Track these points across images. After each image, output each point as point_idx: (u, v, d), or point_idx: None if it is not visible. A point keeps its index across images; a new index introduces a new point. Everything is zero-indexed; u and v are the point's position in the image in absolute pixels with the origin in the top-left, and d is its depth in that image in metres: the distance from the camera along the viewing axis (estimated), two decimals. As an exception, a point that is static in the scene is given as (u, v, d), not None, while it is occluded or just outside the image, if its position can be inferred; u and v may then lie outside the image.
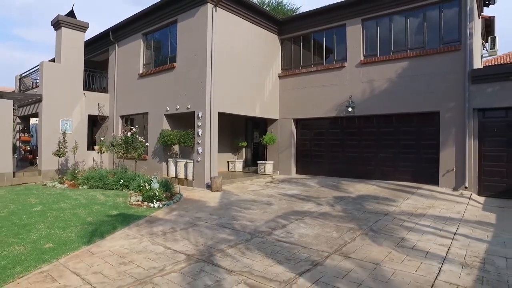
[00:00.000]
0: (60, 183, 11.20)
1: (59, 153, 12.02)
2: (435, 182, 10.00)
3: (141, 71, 13.33)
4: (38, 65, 14.91)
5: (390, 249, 4.92)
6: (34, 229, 6.08)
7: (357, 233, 5.73)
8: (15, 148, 12.60)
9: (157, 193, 8.16)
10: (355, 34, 11.65)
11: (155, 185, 8.58)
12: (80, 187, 10.59)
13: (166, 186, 9.07)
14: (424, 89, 10.16)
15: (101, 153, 13.04)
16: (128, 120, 14.27)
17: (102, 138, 13.28)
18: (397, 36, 10.98)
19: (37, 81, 14.77)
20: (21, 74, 15.98)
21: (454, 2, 9.93)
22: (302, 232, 5.84)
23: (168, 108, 11.73)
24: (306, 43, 13.28)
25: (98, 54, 16.17)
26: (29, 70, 15.57)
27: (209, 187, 10.19)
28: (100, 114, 14.60)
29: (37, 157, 14.47)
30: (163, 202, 8.11)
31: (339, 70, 11.99)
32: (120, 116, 14.33)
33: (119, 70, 14.57)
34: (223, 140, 12.99)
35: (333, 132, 12.63)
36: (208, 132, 10.50)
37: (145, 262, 4.52)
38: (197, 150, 10.59)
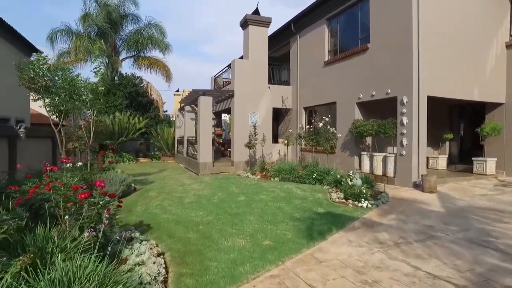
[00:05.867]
0: (252, 174, 11.50)
1: (249, 145, 12.48)
2: None
3: (326, 59, 12.49)
4: (227, 67, 16.22)
5: None
6: (246, 220, 5.86)
7: None
8: (213, 141, 13.88)
9: (363, 191, 7.01)
10: None
11: (358, 181, 7.46)
12: (272, 179, 10.51)
13: (368, 183, 7.82)
14: None
15: (287, 146, 12.93)
16: (312, 111, 13.74)
17: (290, 130, 13.15)
18: None
19: (227, 80, 16.07)
20: (215, 75, 17.77)
21: None
22: None
23: (360, 95, 10.43)
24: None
25: (278, 48, 16.32)
26: (221, 71, 17.19)
27: (417, 186, 8.39)
28: (284, 106, 14.62)
29: (228, 149, 15.73)
30: (371, 202, 6.88)
31: None
32: (304, 107, 13.95)
33: (301, 62, 14.22)
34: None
35: None
36: (415, 120, 8.67)
37: (396, 286, 3.36)
38: (401, 142, 8.90)
